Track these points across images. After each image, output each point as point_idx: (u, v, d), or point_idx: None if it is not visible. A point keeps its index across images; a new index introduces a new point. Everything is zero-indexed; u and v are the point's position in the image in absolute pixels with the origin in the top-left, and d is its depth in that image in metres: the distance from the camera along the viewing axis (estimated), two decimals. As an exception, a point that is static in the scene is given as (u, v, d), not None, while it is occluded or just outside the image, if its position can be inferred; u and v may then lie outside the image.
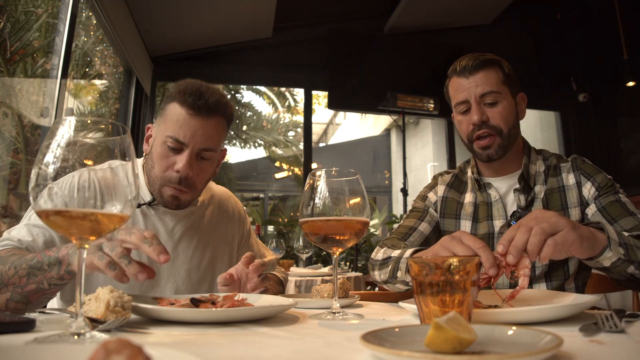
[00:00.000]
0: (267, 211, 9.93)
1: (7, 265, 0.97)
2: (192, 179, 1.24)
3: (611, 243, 0.97)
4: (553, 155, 1.44)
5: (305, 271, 3.18)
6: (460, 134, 1.44)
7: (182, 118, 1.21)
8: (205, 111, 1.22)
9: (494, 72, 1.34)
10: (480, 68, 1.34)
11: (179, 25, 4.34)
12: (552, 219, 0.89)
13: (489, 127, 1.33)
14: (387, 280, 1.26)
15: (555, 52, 5.40)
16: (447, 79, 1.45)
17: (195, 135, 1.21)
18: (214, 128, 1.25)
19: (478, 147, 1.36)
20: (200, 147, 1.23)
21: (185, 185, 1.23)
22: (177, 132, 1.20)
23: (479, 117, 1.32)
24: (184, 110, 1.21)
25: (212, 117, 1.24)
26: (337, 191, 0.95)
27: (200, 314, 0.81)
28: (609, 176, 1.33)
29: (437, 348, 0.50)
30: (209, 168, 1.29)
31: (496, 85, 1.33)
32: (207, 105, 1.22)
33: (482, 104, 1.34)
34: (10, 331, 0.66)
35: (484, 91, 1.33)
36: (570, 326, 0.73)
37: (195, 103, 1.21)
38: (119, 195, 0.63)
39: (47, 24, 3.30)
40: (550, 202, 1.35)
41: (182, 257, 1.34)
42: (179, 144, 1.21)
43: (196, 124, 1.21)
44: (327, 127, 15.03)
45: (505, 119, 1.33)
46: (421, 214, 1.49)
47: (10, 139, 3.01)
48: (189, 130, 1.20)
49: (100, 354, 0.35)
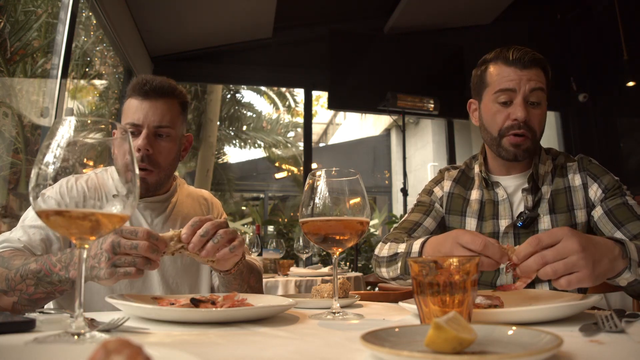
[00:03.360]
0: (267, 211, 9.93)
1: (12, 271, 1.01)
2: (154, 156, 1.31)
3: (631, 265, 0.92)
4: (561, 154, 1.41)
5: (305, 271, 3.18)
6: (488, 123, 1.36)
7: (134, 105, 1.32)
8: (152, 94, 1.32)
9: (543, 72, 1.32)
10: (536, 65, 1.30)
11: (179, 25, 4.34)
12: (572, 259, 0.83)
13: (527, 128, 1.29)
14: (398, 277, 1.23)
15: (555, 52, 5.39)
16: (485, 65, 1.38)
17: (148, 115, 1.31)
18: (164, 107, 1.34)
19: (510, 142, 1.30)
20: (155, 125, 1.32)
21: (148, 163, 1.31)
22: (132, 117, 1.31)
23: (525, 115, 1.26)
24: (134, 99, 1.33)
25: (161, 99, 1.34)
26: (337, 191, 0.95)
27: (200, 314, 0.81)
28: (615, 177, 1.31)
29: (437, 348, 0.50)
30: (170, 147, 1.36)
31: (544, 85, 1.31)
32: (153, 88, 1.32)
33: (528, 101, 1.29)
34: (10, 331, 0.66)
35: (535, 86, 1.28)
36: (570, 326, 0.73)
37: (142, 89, 1.32)
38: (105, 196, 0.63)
39: (47, 24, 3.30)
40: (556, 203, 1.33)
41: None
42: (135, 127, 1.30)
43: (146, 106, 1.32)
44: (327, 127, 15.03)
45: (541, 122, 1.31)
46: (426, 208, 1.46)
47: (10, 139, 3.01)
48: (141, 113, 1.31)
49: (100, 354, 0.35)
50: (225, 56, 4.96)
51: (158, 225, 1.40)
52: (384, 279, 1.33)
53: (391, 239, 1.34)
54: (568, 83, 5.43)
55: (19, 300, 1.00)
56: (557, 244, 0.84)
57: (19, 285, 0.99)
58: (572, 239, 0.84)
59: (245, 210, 10.62)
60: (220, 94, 8.97)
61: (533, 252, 0.85)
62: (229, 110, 10.13)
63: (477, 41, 4.83)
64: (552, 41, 5.37)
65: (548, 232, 0.87)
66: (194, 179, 8.23)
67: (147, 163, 1.30)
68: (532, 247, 0.86)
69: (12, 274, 1.00)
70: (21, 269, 1.00)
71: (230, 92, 10.05)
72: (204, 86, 8.60)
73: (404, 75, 4.77)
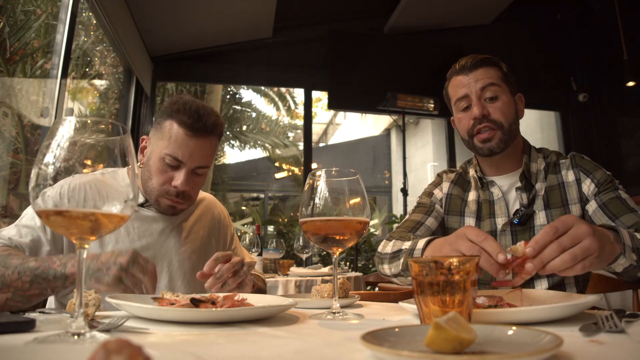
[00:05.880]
0: (267, 211, 9.92)
1: (9, 269, 1.03)
2: (188, 192, 1.34)
3: (626, 250, 0.97)
4: (553, 153, 1.45)
5: (305, 271, 3.18)
6: (460, 132, 1.44)
7: (181, 138, 1.29)
8: (202, 132, 1.30)
9: (493, 69, 1.38)
10: (480, 65, 1.37)
11: (179, 25, 4.34)
12: (586, 242, 0.85)
13: (490, 121, 1.34)
14: (399, 273, 1.25)
15: (555, 52, 5.40)
16: (447, 81, 1.47)
17: (193, 155, 1.30)
18: (209, 147, 1.34)
19: (479, 140, 1.36)
20: (197, 165, 1.32)
21: (182, 198, 1.34)
22: (176, 152, 1.28)
23: (480, 111, 1.33)
24: (182, 131, 1.29)
25: (208, 138, 1.33)
26: (337, 191, 0.95)
27: (200, 314, 0.81)
28: (607, 172, 1.34)
29: (437, 348, 0.50)
30: (202, 181, 1.39)
31: (496, 79, 1.36)
32: (205, 127, 1.30)
33: (483, 98, 1.35)
34: (10, 331, 0.66)
35: (484, 84, 1.35)
36: (570, 326, 0.73)
37: (194, 125, 1.28)
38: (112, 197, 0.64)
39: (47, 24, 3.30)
40: (550, 199, 1.36)
41: (173, 249, 1.42)
42: (177, 162, 1.30)
43: (194, 145, 1.30)
44: (327, 127, 15.03)
45: (505, 114, 1.35)
46: (427, 209, 1.49)
47: (10, 139, 3.01)
48: (187, 151, 1.29)
49: (100, 354, 0.34)
50: (225, 56, 4.96)
51: (167, 229, 1.43)
52: (385, 275, 1.34)
53: (396, 237, 1.37)
54: (568, 83, 5.43)
55: (12, 297, 1.02)
56: (570, 230, 0.86)
57: (14, 282, 1.01)
58: (582, 224, 0.87)
59: (245, 210, 10.62)
60: (220, 94, 8.97)
61: (551, 240, 0.85)
62: (229, 110, 10.13)
63: (477, 41, 4.84)
64: (552, 41, 5.37)
65: (560, 220, 0.88)
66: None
67: (181, 198, 1.34)
68: (550, 236, 0.85)
69: (9, 272, 1.02)
70: (19, 267, 1.02)
71: (230, 92, 10.05)
72: (204, 86, 8.60)
73: (403, 75, 4.77)
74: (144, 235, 1.37)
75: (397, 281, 1.31)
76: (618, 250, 0.96)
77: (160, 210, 1.39)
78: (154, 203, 1.37)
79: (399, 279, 1.28)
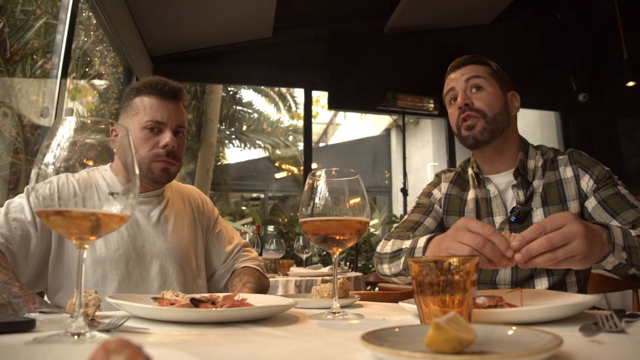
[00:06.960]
0: (267, 211, 9.93)
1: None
2: (176, 151, 1.44)
3: (615, 249, 0.97)
4: (550, 149, 1.44)
5: (305, 271, 3.18)
6: (452, 126, 1.47)
7: (155, 104, 1.41)
8: (172, 96, 1.44)
9: (481, 66, 1.42)
10: (468, 63, 1.43)
11: (179, 25, 4.34)
12: (572, 246, 0.86)
13: (472, 110, 1.36)
14: (400, 272, 1.25)
15: (555, 52, 5.40)
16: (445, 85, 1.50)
17: (171, 114, 1.43)
18: (181, 108, 1.48)
19: (464, 128, 1.38)
20: (176, 124, 1.44)
21: (172, 157, 1.43)
22: (155, 115, 1.40)
23: (463, 100, 1.37)
24: (154, 98, 1.42)
25: (177, 101, 1.47)
26: (337, 191, 0.95)
27: (200, 314, 0.81)
28: (606, 168, 1.33)
29: (437, 348, 0.50)
30: (184, 143, 1.50)
31: (482, 73, 1.40)
32: (172, 90, 1.45)
33: (468, 89, 1.39)
34: (10, 331, 0.66)
35: (470, 76, 1.39)
36: (570, 326, 0.73)
37: (162, 90, 1.43)
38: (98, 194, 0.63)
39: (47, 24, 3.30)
40: (548, 195, 1.35)
41: (162, 238, 1.45)
42: (158, 125, 1.41)
43: (169, 106, 1.43)
44: (327, 127, 15.04)
45: (489, 104, 1.36)
46: (426, 209, 1.49)
47: (10, 139, 3.01)
48: (165, 112, 1.42)
49: (100, 354, 0.34)
50: (225, 56, 4.96)
51: (154, 217, 1.47)
52: (385, 275, 1.34)
53: (394, 237, 1.36)
54: (568, 83, 5.42)
55: None
56: (562, 228, 0.86)
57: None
58: (576, 223, 0.87)
59: (245, 210, 10.63)
60: (221, 94, 8.97)
61: (536, 237, 0.86)
62: (229, 110, 10.14)
63: (477, 41, 4.83)
64: (552, 41, 5.37)
65: (550, 218, 0.88)
66: (194, 179, 8.24)
67: (171, 157, 1.43)
68: (536, 233, 0.86)
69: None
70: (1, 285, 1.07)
71: (230, 92, 10.05)
72: (204, 86, 8.60)
73: (404, 75, 4.77)
74: (131, 226, 1.41)
75: (398, 280, 1.31)
76: (607, 249, 0.97)
77: (155, 179, 1.43)
78: (146, 174, 1.42)
79: (399, 278, 1.28)
